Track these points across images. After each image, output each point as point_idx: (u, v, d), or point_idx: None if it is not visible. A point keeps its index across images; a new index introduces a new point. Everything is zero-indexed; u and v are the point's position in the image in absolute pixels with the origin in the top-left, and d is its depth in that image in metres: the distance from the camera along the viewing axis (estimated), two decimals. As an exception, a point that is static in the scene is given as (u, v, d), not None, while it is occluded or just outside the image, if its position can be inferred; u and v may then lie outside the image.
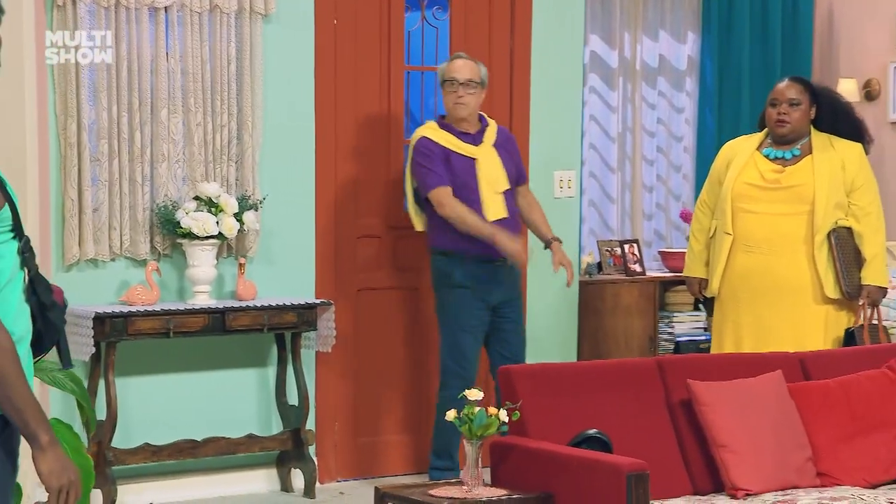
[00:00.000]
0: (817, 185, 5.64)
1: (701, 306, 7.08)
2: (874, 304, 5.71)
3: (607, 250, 7.37)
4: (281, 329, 6.00)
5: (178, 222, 5.85)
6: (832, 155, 5.70)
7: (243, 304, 5.93)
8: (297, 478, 6.13)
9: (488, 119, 6.13)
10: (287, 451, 6.11)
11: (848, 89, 7.77)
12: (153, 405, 5.92)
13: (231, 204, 5.91)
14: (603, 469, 3.99)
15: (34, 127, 5.58)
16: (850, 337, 5.65)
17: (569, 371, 4.54)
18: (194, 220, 5.84)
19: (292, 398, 6.13)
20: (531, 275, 6.68)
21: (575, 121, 6.94)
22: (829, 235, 5.65)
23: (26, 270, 2.83)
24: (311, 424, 6.14)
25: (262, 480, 6.17)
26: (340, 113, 6.38)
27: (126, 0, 5.80)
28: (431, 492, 4.24)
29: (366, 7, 6.41)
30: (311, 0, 6.25)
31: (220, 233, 5.89)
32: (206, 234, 5.85)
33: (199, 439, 5.90)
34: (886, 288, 5.77)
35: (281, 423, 6.16)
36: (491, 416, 4.21)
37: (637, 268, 7.31)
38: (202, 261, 5.91)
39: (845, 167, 5.69)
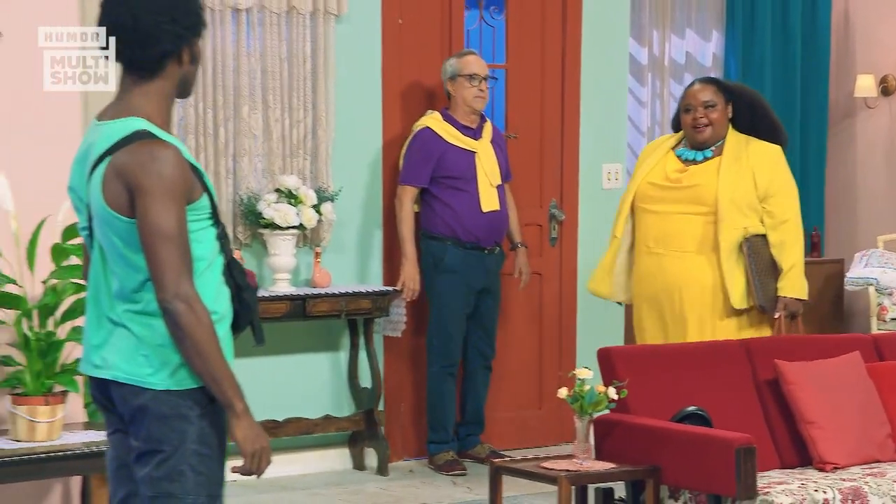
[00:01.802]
0: (720, 187, 5.32)
1: None
2: (793, 316, 5.35)
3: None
4: (356, 315, 6.34)
5: (261, 213, 6.16)
6: (743, 158, 5.37)
7: (321, 291, 6.27)
8: (369, 457, 6.48)
9: (485, 116, 6.58)
10: (360, 431, 6.46)
11: (865, 85, 8.22)
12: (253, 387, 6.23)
13: (310, 196, 6.24)
14: (712, 443, 4.37)
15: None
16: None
17: (663, 352, 4.91)
18: (276, 211, 6.16)
19: (363, 381, 6.47)
20: (580, 263, 7.09)
21: (621, 116, 7.33)
22: (741, 244, 5.30)
23: (224, 255, 3.09)
24: (380, 406, 6.49)
25: (336, 459, 6.52)
26: (405, 107, 6.72)
27: (210, 2, 6.10)
28: (545, 465, 4.60)
29: (428, 7, 6.76)
30: (378, 1, 6.58)
31: (300, 223, 6.21)
32: (287, 225, 6.17)
33: (280, 419, 6.23)
34: (805, 299, 5.39)
35: (353, 404, 6.50)
36: (600, 393, 4.59)
37: (671, 255, 7.71)
38: (283, 250, 6.23)
39: (756, 173, 5.35)
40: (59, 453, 4.28)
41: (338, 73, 6.46)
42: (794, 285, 5.31)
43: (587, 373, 4.63)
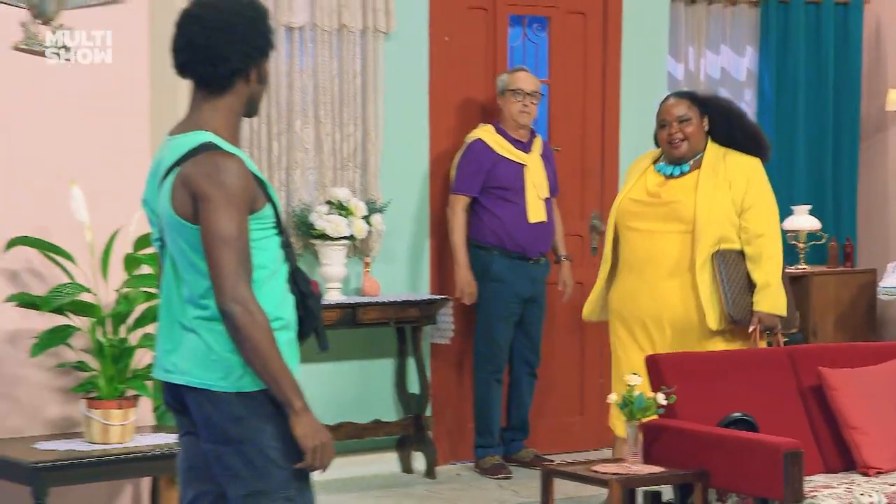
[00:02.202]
0: (699, 204, 5.19)
1: None
2: (771, 331, 5.24)
3: (678, 249, 7.94)
4: (404, 323, 6.53)
5: (313, 224, 6.35)
6: (721, 172, 5.25)
7: (371, 299, 6.45)
8: (417, 460, 6.66)
9: (535, 131, 6.77)
10: (408, 436, 6.64)
11: (896, 99, 8.36)
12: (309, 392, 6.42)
13: (360, 207, 6.43)
14: (760, 448, 4.52)
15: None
16: None
17: (709, 359, 5.07)
18: (328, 222, 6.35)
19: (411, 387, 6.66)
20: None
21: (660, 129, 7.49)
22: (713, 258, 5.19)
23: (289, 263, 3.22)
24: (427, 411, 6.67)
25: (384, 462, 6.70)
26: (451, 122, 6.91)
27: (266, 20, 6.29)
28: (595, 468, 4.76)
29: (473, 25, 6.95)
30: (426, 19, 6.78)
31: (350, 234, 6.40)
32: (338, 235, 6.36)
33: (331, 423, 6.41)
34: (782, 315, 5.24)
35: (401, 409, 6.68)
36: (649, 399, 4.75)
37: (708, 265, 7.86)
38: (334, 260, 6.42)
39: (732, 186, 5.23)
40: (131, 455, 4.44)
41: (386, 88, 6.65)
42: (768, 300, 5.17)
43: (636, 379, 4.79)
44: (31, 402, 4.56)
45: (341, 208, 6.42)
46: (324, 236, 6.37)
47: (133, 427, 4.54)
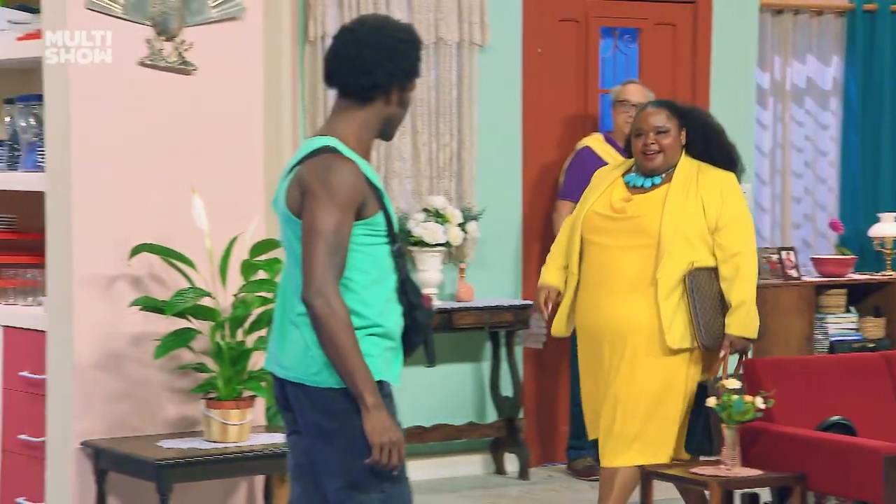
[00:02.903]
0: (665, 219, 4.91)
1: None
2: (741, 354, 4.98)
3: (764, 257, 8.02)
4: (498, 327, 6.69)
5: (410, 231, 6.53)
6: (693, 187, 4.97)
7: (465, 304, 6.62)
8: (510, 462, 6.82)
9: None
10: (501, 438, 6.79)
11: (982, 109, 8.40)
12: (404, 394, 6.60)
13: (456, 215, 6.60)
14: (859, 452, 4.63)
15: (290, 152, 6.26)
16: (702, 390, 4.89)
17: (805, 364, 5.19)
18: (425, 229, 6.53)
19: (505, 390, 6.81)
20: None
21: (749, 139, 7.60)
22: (684, 278, 4.88)
23: (398, 273, 3.33)
24: (520, 413, 6.82)
25: (478, 464, 6.86)
26: (543, 132, 7.06)
27: (366, 33, 6.48)
28: (694, 470, 4.89)
29: (566, 37, 7.11)
30: (519, 32, 6.94)
31: (446, 241, 6.57)
32: (434, 242, 6.54)
33: (427, 425, 6.58)
34: (754, 338, 4.98)
35: (495, 412, 6.84)
36: (747, 403, 4.86)
37: (794, 273, 7.95)
38: (430, 266, 6.60)
39: (706, 202, 4.94)
40: (248, 453, 4.61)
41: (481, 99, 6.82)
42: (742, 323, 4.89)
43: (735, 383, 4.90)
44: (153, 402, 4.75)
45: (438, 216, 6.59)
46: (420, 243, 6.54)
47: (249, 427, 4.72)
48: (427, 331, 3.42)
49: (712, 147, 5.06)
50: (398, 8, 6.64)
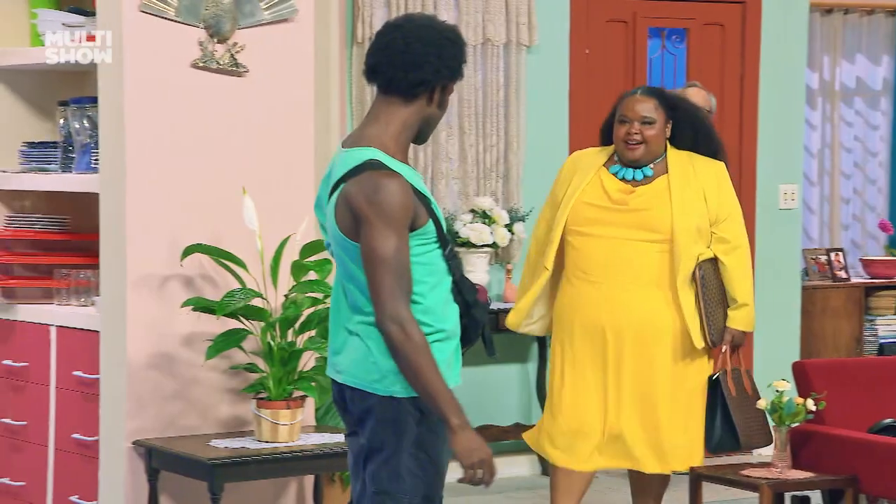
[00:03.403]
0: (675, 213, 4.75)
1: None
2: (737, 348, 4.91)
3: (812, 258, 7.98)
4: (546, 329, 6.67)
5: (457, 232, 6.54)
6: (692, 178, 4.82)
7: (512, 305, 6.58)
8: (557, 463, 6.81)
9: None
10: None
11: None
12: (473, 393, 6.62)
13: (503, 216, 6.61)
14: (911, 454, 4.61)
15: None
16: (715, 384, 4.85)
17: (857, 366, 5.17)
18: (472, 230, 6.54)
19: (552, 391, 6.81)
20: (758, 279, 7.33)
21: (798, 138, 7.57)
22: (694, 272, 4.76)
23: (452, 274, 3.32)
24: (567, 415, 6.82)
25: (525, 464, 6.87)
26: (590, 133, 7.03)
27: (414, 34, 6.50)
28: (744, 472, 4.87)
29: (613, 38, 7.10)
30: (567, 33, 6.94)
31: (493, 242, 6.58)
32: (481, 243, 6.55)
33: (473, 426, 6.58)
34: (750, 332, 4.97)
35: (541, 413, 6.81)
36: (798, 405, 4.84)
37: (842, 274, 7.91)
38: (477, 267, 6.61)
39: (707, 194, 4.81)
40: (298, 453, 4.62)
41: (528, 100, 6.82)
42: (747, 318, 4.86)
43: (785, 385, 4.89)
44: (206, 402, 4.78)
45: (484, 217, 6.60)
46: (467, 244, 6.55)
47: (300, 427, 4.74)
48: (484, 325, 3.40)
49: (700, 143, 4.87)
50: (445, 8, 6.66)
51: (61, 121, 5.12)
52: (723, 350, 4.85)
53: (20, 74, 5.27)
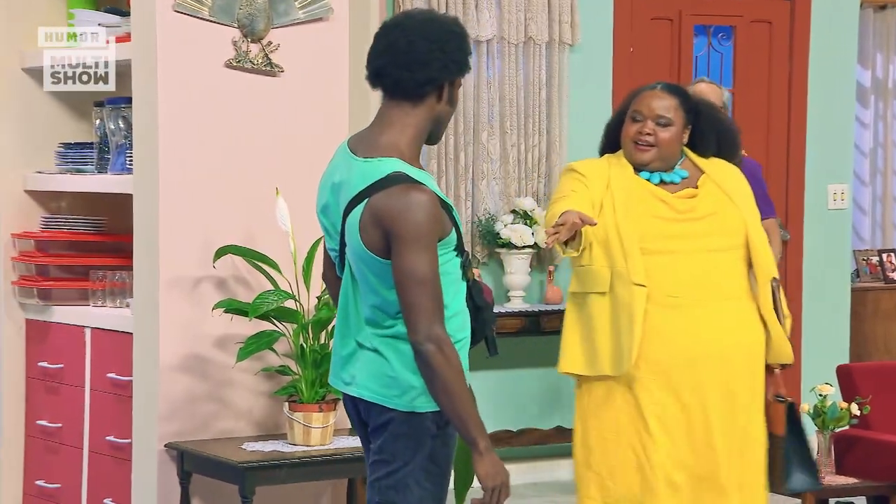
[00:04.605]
0: (745, 211, 4.10)
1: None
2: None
3: (864, 259, 7.85)
4: (588, 331, 6.59)
5: (498, 233, 6.48)
6: (730, 173, 4.19)
7: (554, 307, 6.54)
8: (600, 467, 6.72)
9: None
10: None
11: None
12: (490, 398, 6.56)
13: (545, 217, 6.52)
14: (957, 460, 4.50)
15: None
16: (792, 410, 4.13)
17: (904, 371, 5.05)
18: (513, 231, 6.47)
19: (595, 394, 6.72)
20: (807, 280, 7.23)
21: (848, 137, 7.45)
22: (772, 283, 4.08)
23: (466, 280, 3.23)
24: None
25: (566, 469, 6.76)
26: (635, 133, 6.95)
27: (455, 33, 6.44)
28: (786, 478, 4.77)
29: (658, 35, 7.01)
30: (611, 30, 6.86)
31: (534, 243, 6.50)
32: (522, 244, 6.48)
33: (514, 430, 6.51)
34: None
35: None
36: (842, 409, 4.74)
37: (894, 275, 7.77)
38: (518, 268, 6.54)
39: (734, 198, 4.14)
40: (331, 457, 4.57)
41: (571, 100, 6.74)
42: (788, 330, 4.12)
43: (829, 389, 4.79)
44: (238, 404, 4.74)
45: (526, 217, 6.52)
46: (508, 245, 6.48)
47: (332, 429, 4.69)
48: (490, 326, 3.33)
49: (724, 152, 4.20)
50: (487, 7, 6.59)
51: (97, 121, 5.10)
52: (777, 371, 4.12)
53: (56, 75, 5.26)
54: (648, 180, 4.09)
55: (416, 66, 3.13)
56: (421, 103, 3.16)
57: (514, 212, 6.55)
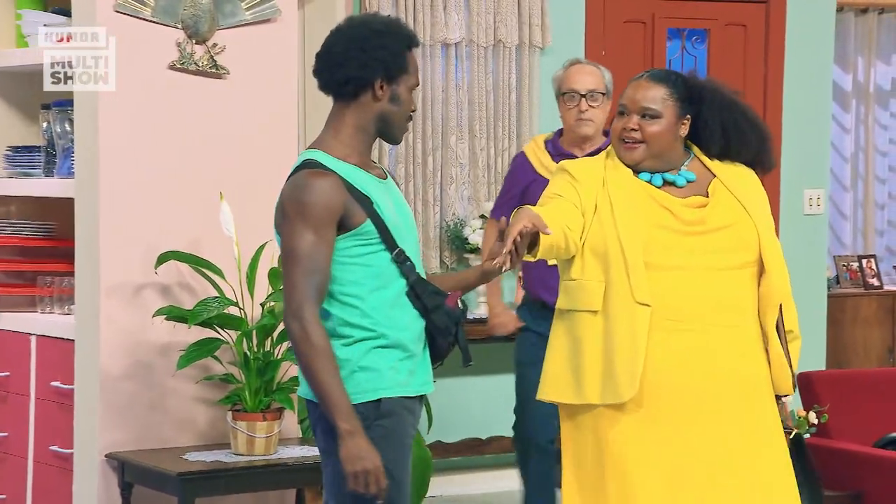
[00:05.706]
0: (760, 222, 3.57)
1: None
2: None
3: (843, 265, 7.73)
4: (557, 338, 6.49)
5: (466, 239, 6.38)
6: (744, 177, 3.64)
7: (523, 314, 6.43)
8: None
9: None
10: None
11: None
12: (459, 406, 6.46)
13: (513, 222, 6.42)
14: (916, 471, 4.39)
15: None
16: (799, 442, 4.07)
17: (865, 378, 4.95)
18: (481, 236, 6.36)
19: (565, 402, 6.62)
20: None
21: (824, 141, 7.34)
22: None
23: (406, 278, 3.21)
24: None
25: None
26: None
27: (422, 38, 6.36)
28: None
29: (631, 39, 6.91)
30: (582, 33, 6.77)
31: (503, 249, 6.40)
32: (490, 251, 6.37)
33: (483, 438, 6.42)
34: None
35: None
36: (800, 418, 4.63)
37: (875, 281, 7.66)
38: (486, 275, 6.43)
39: (749, 208, 3.60)
40: (276, 466, 4.49)
41: (542, 103, 6.63)
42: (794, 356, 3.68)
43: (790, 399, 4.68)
44: (181, 413, 4.65)
45: (495, 223, 6.43)
46: (477, 250, 6.38)
47: (277, 439, 4.60)
48: (452, 332, 3.30)
49: (732, 152, 3.62)
50: (455, 9, 6.50)
51: (44, 124, 5.02)
52: (785, 400, 3.68)
53: (4, 76, 5.18)
54: (649, 182, 3.57)
55: (335, 66, 3.25)
56: (354, 102, 3.26)
57: (482, 216, 6.46)
